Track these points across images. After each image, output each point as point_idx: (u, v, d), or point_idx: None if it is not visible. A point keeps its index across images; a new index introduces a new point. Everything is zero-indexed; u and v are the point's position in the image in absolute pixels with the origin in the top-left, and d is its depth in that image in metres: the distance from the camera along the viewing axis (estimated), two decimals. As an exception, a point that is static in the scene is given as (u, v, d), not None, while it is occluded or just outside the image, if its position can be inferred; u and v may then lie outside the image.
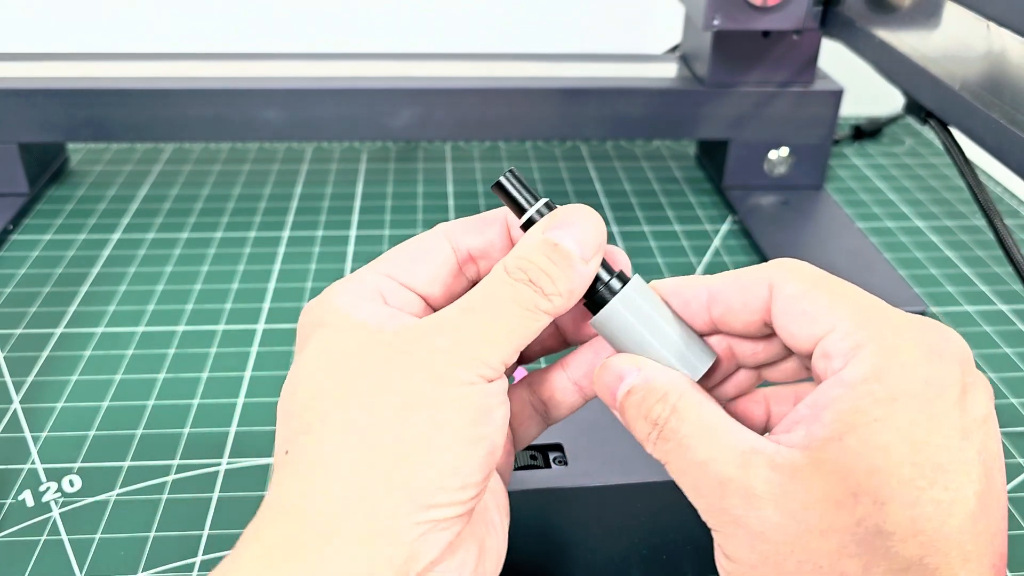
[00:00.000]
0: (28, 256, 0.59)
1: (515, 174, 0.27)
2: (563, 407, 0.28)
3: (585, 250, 0.25)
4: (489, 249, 0.28)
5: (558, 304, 0.25)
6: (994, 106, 0.44)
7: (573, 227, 0.25)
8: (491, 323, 0.24)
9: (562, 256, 0.24)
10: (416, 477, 0.22)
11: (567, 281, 0.24)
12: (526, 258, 0.25)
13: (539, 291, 0.24)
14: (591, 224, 0.25)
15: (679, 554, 0.37)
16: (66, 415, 0.45)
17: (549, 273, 0.24)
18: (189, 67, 0.66)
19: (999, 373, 0.50)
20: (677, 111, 0.65)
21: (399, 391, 0.23)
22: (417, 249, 0.27)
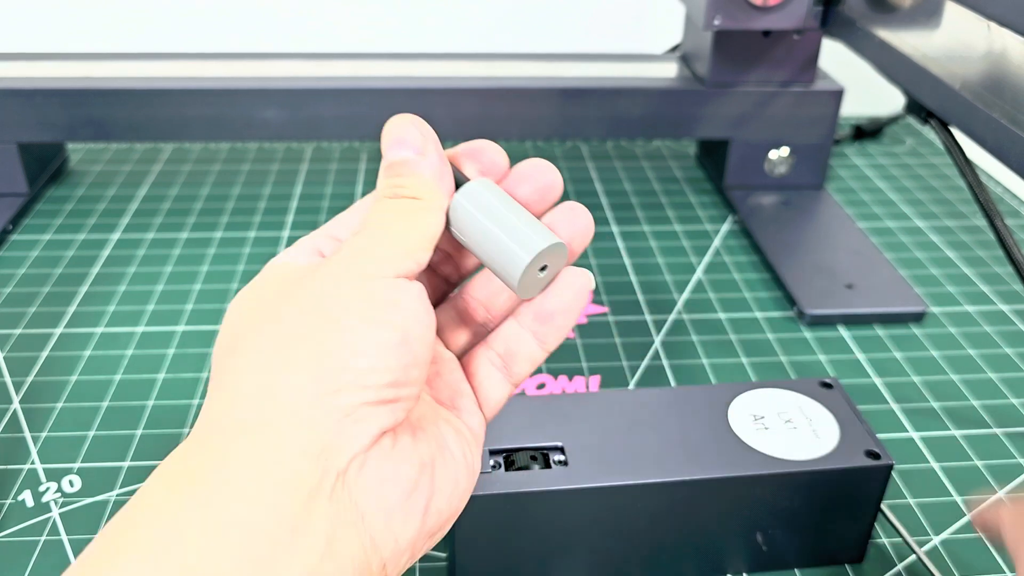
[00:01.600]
0: (27, 256, 0.59)
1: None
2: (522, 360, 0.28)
3: (413, 146, 0.27)
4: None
5: (427, 195, 0.26)
6: (995, 106, 0.44)
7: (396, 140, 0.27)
8: (381, 227, 0.25)
9: (400, 165, 0.27)
10: (321, 362, 0.22)
11: (418, 178, 0.26)
12: (379, 187, 0.27)
13: (403, 197, 0.26)
14: (406, 126, 0.27)
15: (679, 554, 0.37)
16: (66, 415, 0.45)
17: (399, 184, 0.26)
18: (188, 67, 0.66)
19: (999, 373, 0.50)
20: (677, 111, 0.65)
21: (307, 294, 0.24)
22: (355, 210, 0.29)
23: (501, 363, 0.28)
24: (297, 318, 0.24)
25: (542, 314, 0.27)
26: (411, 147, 0.27)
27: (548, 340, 0.28)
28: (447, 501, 0.25)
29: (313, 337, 0.23)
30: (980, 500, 0.27)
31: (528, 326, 0.28)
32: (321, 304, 0.24)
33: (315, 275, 0.25)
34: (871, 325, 0.54)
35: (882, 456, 0.35)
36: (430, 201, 0.26)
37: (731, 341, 0.52)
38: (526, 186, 0.29)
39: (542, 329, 0.28)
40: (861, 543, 0.38)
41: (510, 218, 0.26)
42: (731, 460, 0.35)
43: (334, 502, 0.22)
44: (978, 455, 0.44)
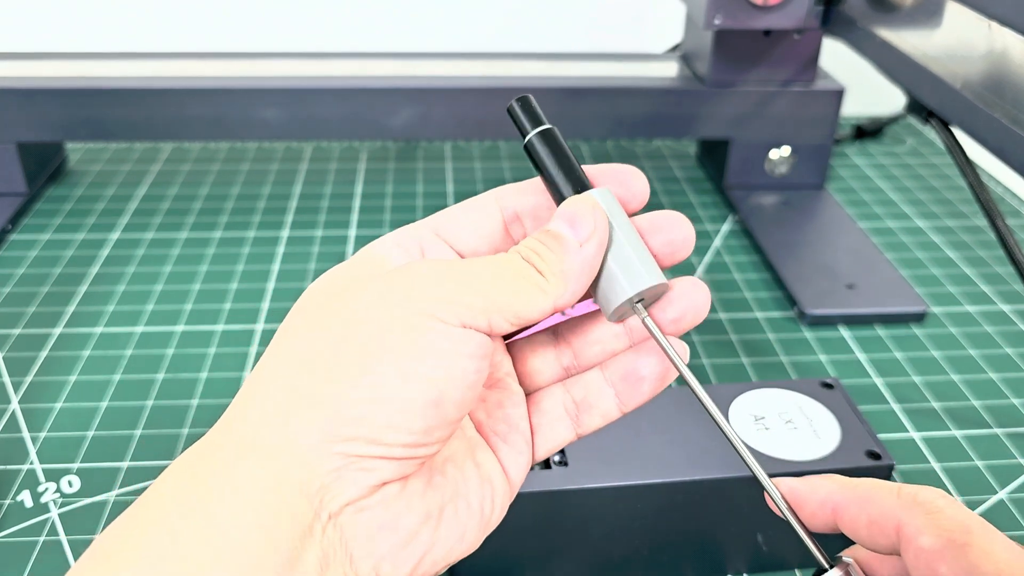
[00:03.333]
0: (26, 256, 0.59)
1: (528, 100, 0.27)
2: (596, 413, 0.27)
3: (580, 233, 0.25)
4: (536, 209, 0.27)
5: (552, 283, 0.24)
6: (996, 106, 0.44)
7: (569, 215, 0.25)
8: (487, 275, 0.24)
9: (553, 237, 0.25)
10: (339, 402, 0.21)
11: (558, 260, 0.24)
12: (522, 243, 0.25)
13: (532, 267, 0.24)
14: (586, 210, 0.25)
15: (679, 554, 0.37)
16: (64, 415, 0.45)
17: (540, 252, 0.24)
18: (188, 66, 0.65)
19: (1000, 373, 0.50)
20: (678, 110, 0.65)
21: (357, 310, 0.23)
22: (466, 207, 0.27)
23: (575, 409, 0.27)
24: (343, 336, 0.22)
25: (632, 377, 0.26)
26: (577, 231, 0.25)
27: (628, 402, 0.27)
28: (446, 553, 0.23)
29: (346, 372, 0.22)
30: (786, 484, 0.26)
31: (613, 383, 0.27)
32: (370, 334, 0.22)
33: (386, 286, 0.23)
34: (872, 325, 0.54)
35: (883, 456, 0.35)
36: (553, 290, 0.24)
37: (732, 341, 0.52)
38: (658, 237, 0.26)
39: (627, 390, 0.27)
40: (862, 544, 0.38)
41: (621, 242, 0.25)
42: (731, 461, 0.35)
43: (325, 541, 0.21)
44: (979, 455, 0.44)
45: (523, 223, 0.27)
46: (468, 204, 0.27)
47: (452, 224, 0.27)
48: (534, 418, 0.27)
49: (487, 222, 0.27)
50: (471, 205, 0.27)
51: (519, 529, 0.35)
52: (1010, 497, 0.42)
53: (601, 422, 0.27)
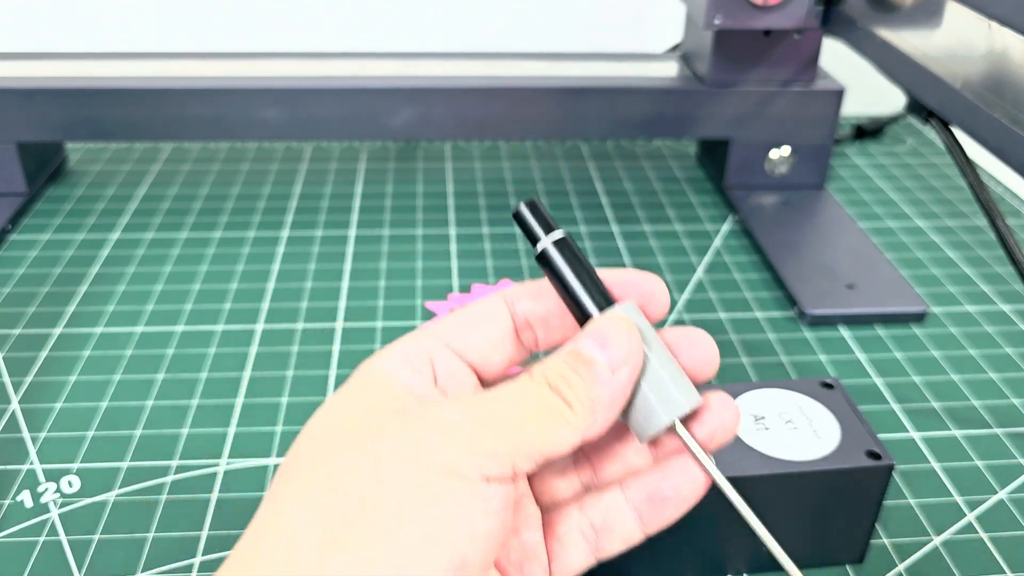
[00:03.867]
0: (26, 256, 0.59)
1: (535, 204, 0.26)
2: (617, 537, 0.25)
3: (613, 359, 0.23)
4: (547, 316, 0.26)
5: (580, 414, 0.22)
6: (996, 106, 0.44)
7: (601, 336, 0.23)
8: (509, 412, 0.22)
9: (582, 363, 0.23)
10: (352, 567, 0.20)
11: (587, 389, 0.23)
12: (547, 364, 0.23)
13: (559, 396, 0.23)
14: (623, 334, 0.23)
15: (679, 554, 0.37)
16: (64, 416, 0.45)
17: (568, 379, 0.23)
18: (188, 66, 0.66)
19: (1000, 373, 0.50)
20: (678, 110, 0.65)
21: (371, 470, 0.21)
22: (474, 314, 0.26)
23: (593, 534, 0.25)
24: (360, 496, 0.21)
25: (657, 497, 0.25)
26: (609, 355, 0.23)
27: (652, 525, 0.25)
28: None
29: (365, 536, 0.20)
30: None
31: (636, 504, 0.25)
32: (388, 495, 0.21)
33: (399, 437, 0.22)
34: (872, 325, 0.54)
35: (883, 456, 0.35)
36: (580, 422, 0.23)
37: (731, 341, 0.52)
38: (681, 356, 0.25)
39: (650, 512, 0.25)
40: (862, 543, 0.38)
41: (652, 362, 0.24)
42: (732, 461, 0.35)
43: None
44: (979, 455, 0.44)
45: (534, 330, 0.26)
46: (477, 311, 0.26)
47: (462, 334, 0.26)
48: (550, 543, 0.25)
49: (498, 331, 0.26)
50: (481, 313, 0.26)
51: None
52: (1010, 497, 0.42)
53: (622, 546, 0.25)
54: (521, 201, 0.26)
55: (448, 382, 0.25)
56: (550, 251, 0.25)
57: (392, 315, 0.54)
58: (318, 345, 0.51)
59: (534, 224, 0.25)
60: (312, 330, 0.52)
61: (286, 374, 0.48)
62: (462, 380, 0.25)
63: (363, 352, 0.50)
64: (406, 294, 0.56)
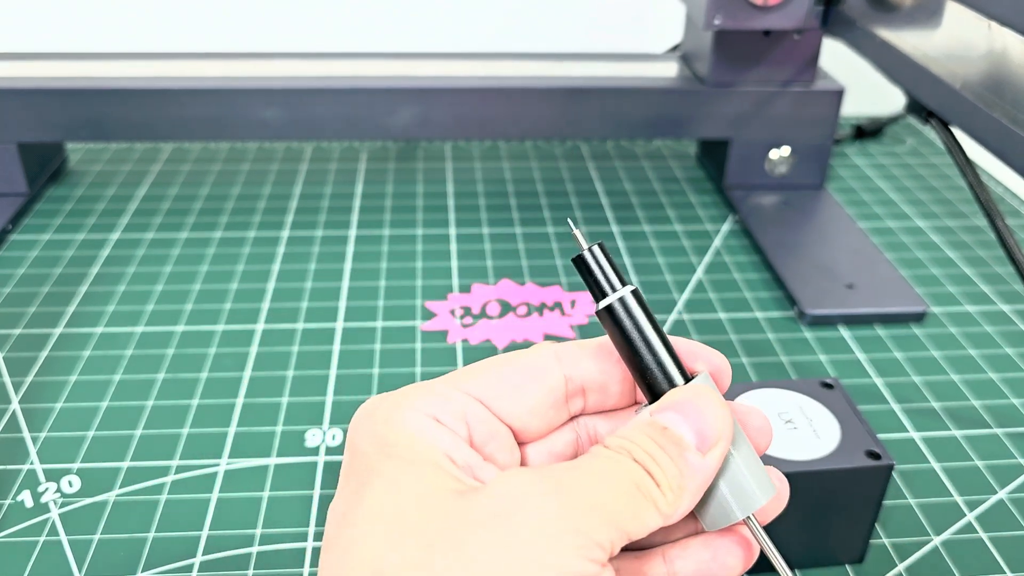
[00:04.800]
0: (27, 256, 0.59)
1: (603, 249, 0.22)
2: None
3: (703, 441, 0.21)
4: (608, 382, 0.23)
5: (669, 499, 0.20)
6: (995, 106, 0.44)
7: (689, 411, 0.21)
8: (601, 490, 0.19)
9: (671, 441, 0.20)
10: None
11: (677, 473, 0.20)
12: (629, 437, 0.21)
13: (646, 474, 0.20)
14: (713, 407, 0.21)
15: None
16: (65, 415, 0.45)
17: (656, 457, 0.20)
18: (188, 67, 0.66)
19: (1000, 373, 0.50)
20: (678, 110, 0.65)
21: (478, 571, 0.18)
22: (519, 370, 0.23)
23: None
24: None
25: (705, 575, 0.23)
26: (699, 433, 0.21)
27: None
28: None
29: None
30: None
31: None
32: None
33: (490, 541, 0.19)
34: (872, 325, 0.54)
35: (883, 456, 0.35)
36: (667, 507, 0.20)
37: (731, 341, 0.52)
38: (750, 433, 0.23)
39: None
40: (862, 543, 0.38)
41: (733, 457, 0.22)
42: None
43: None
44: (979, 455, 0.44)
45: (586, 396, 0.23)
46: (523, 367, 0.23)
47: (504, 394, 0.22)
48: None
49: (546, 396, 0.23)
50: (527, 369, 0.23)
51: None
52: (1010, 497, 0.42)
53: None
54: (588, 246, 0.22)
55: (486, 445, 0.22)
56: (617, 308, 0.22)
57: (392, 315, 0.54)
58: (318, 345, 0.51)
59: (600, 275, 0.22)
60: (312, 330, 0.52)
61: (286, 374, 0.48)
62: (503, 443, 0.22)
63: (363, 352, 0.50)
64: (406, 294, 0.56)
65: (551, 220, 0.65)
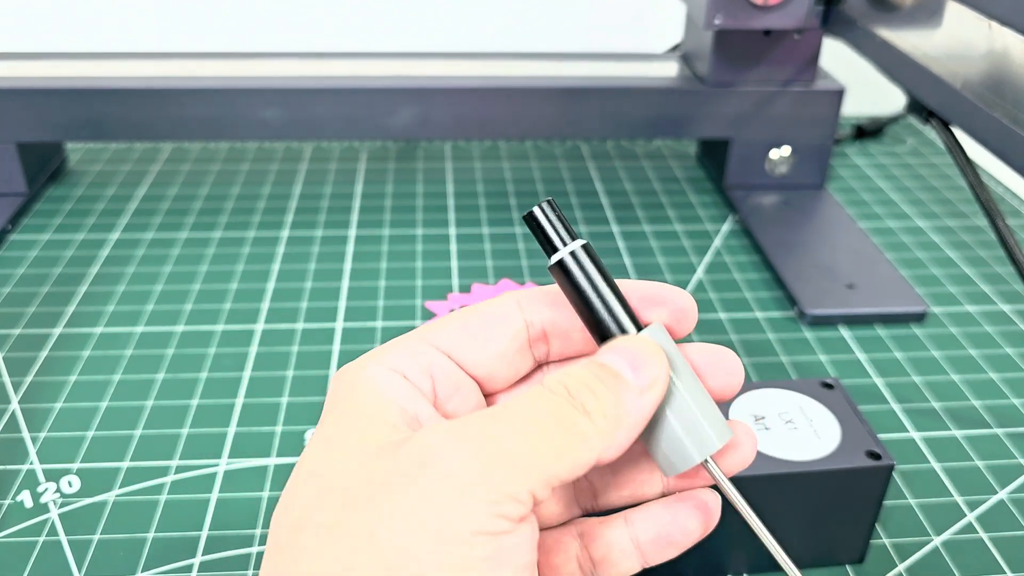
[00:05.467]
0: (26, 256, 0.59)
1: (552, 205, 0.23)
2: (615, 571, 0.24)
3: (642, 378, 0.21)
4: (569, 328, 0.23)
5: (601, 428, 0.20)
6: (996, 106, 0.44)
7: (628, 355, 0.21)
8: (524, 437, 0.20)
9: (609, 374, 0.21)
10: None
11: (613, 403, 0.20)
12: (567, 372, 0.21)
13: (580, 407, 0.20)
14: (651, 352, 0.21)
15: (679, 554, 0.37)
16: (64, 415, 0.45)
17: (593, 388, 0.21)
18: (188, 66, 0.65)
19: (1001, 373, 0.50)
20: (678, 110, 0.65)
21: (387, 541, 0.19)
22: (482, 319, 0.23)
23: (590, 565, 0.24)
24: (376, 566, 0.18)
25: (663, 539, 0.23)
26: (639, 376, 0.21)
27: (653, 561, 0.24)
28: None
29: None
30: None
31: (641, 542, 0.24)
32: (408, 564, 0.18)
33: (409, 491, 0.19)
34: (872, 325, 0.54)
35: (883, 456, 0.35)
36: (599, 439, 0.20)
37: (731, 341, 0.52)
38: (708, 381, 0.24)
39: (654, 550, 0.24)
40: (862, 543, 0.38)
41: (682, 392, 0.22)
42: (732, 461, 0.35)
43: None
44: (979, 455, 0.44)
45: (549, 342, 0.24)
46: (487, 317, 0.23)
47: (468, 343, 0.23)
48: (544, 571, 0.23)
49: (509, 342, 0.23)
50: (489, 318, 0.23)
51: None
52: (1010, 497, 0.41)
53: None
54: (538, 203, 0.23)
55: (450, 398, 0.23)
56: (568, 262, 0.22)
57: (392, 315, 0.54)
58: (318, 345, 0.51)
59: (552, 229, 0.23)
60: (312, 330, 0.52)
61: (286, 374, 0.48)
62: (466, 396, 0.23)
63: (363, 352, 0.50)
64: (406, 294, 0.56)
65: (551, 220, 0.64)
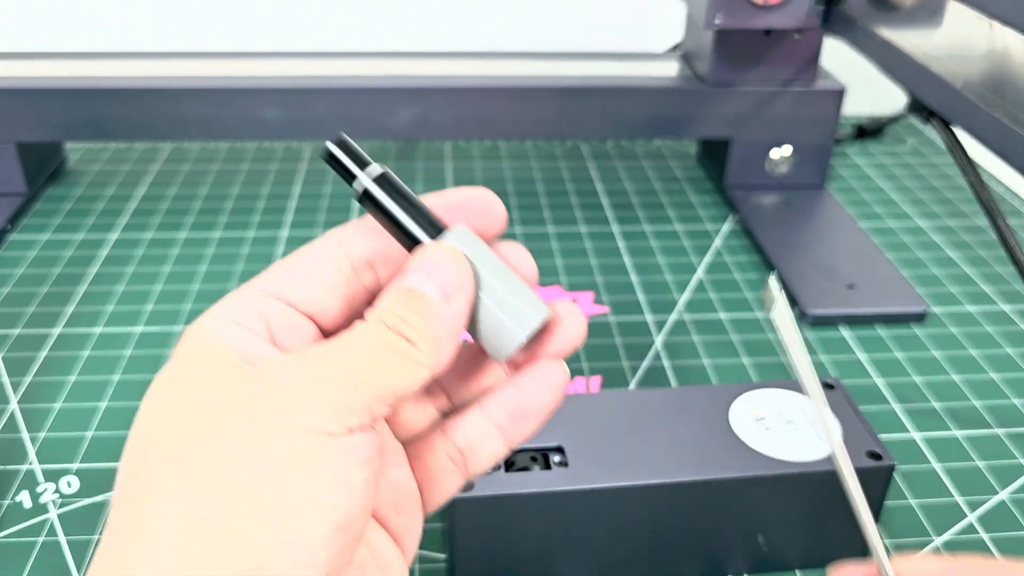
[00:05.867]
0: (26, 256, 0.59)
1: (345, 142, 0.24)
2: (483, 455, 0.25)
3: (444, 288, 0.22)
4: (387, 253, 0.25)
5: (425, 350, 0.22)
6: (997, 105, 0.44)
7: (429, 268, 0.23)
8: (355, 360, 0.21)
9: (417, 299, 0.22)
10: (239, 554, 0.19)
11: (427, 325, 0.22)
12: (381, 307, 0.22)
13: (400, 336, 0.22)
14: (447, 260, 0.23)
15: (680, 555, 0.37)
16: (64, 416, 0.45)
17: (406, 318, 0.22)
18: (187, 66, 0.65)
19: (1001, 373, 0.50)
20: (678, 110, 0.65)
21: (235, 443, 0.20)
22: (305, 259, 0.24)
23: (460, 457, 0.25)
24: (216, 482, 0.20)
25: (518, 413, 0.25)
26: (440, 287, 0.23)
27: (515, 438, 0.25)
28: None
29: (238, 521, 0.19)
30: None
31: (498, 422, 0.25)
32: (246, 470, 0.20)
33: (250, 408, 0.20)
34: (872, 325, 0.54)
35: (884, 457, 0.35)
36: (425, 357, 0.22)
37: (732, 341, 0.52)
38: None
39: (513, 427, 0.25)
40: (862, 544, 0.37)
41: (496, 285, 0.24)
42: (732, 461, 0.35)
43: None
44: (980, 456, 0.44)
45: (375, 269, 0.25)
46: (307, 256, 0.24)
47: (294, 283, 0.24)
48: (419, 474, 0.25)
49: (334, 275, 0.24)
50: (311, 256, 0.24)
51: (519, 530, 0.35)
52: (1011, 497, 0.41)
53: (489, 463, 0.25)
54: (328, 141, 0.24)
55: (287, 338, 0.23)
56: (372, 189, 0.24)
57: (392, 315, 0.53)
58: (318, 345, 0.51)
59: (348, 163, 0.24)
60: (312, 330, 0.52)
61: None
62: (303, 334, 0.24)
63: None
64: (406, 294, 0.55)
65: (551, 220, 0.64)
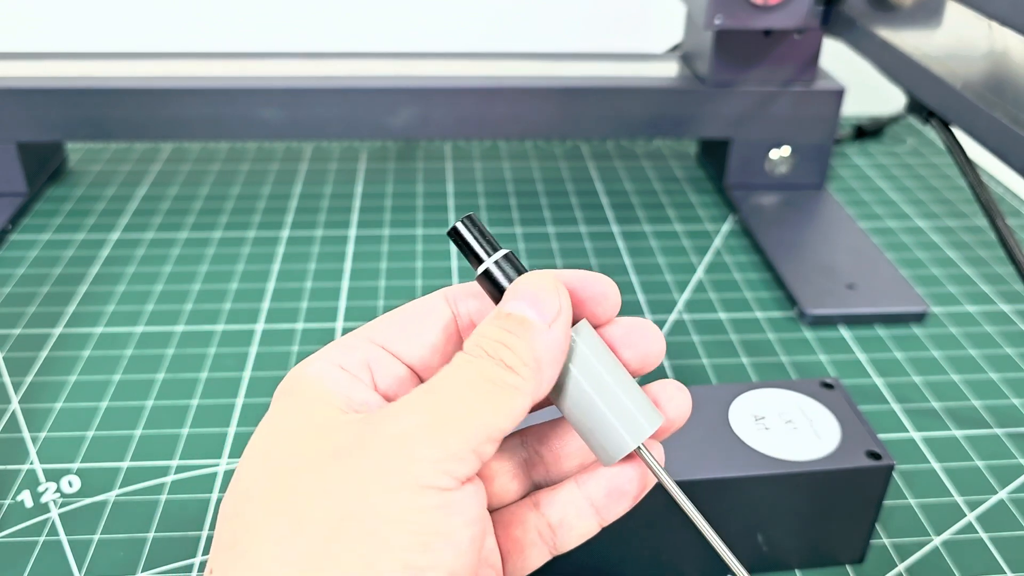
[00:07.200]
0: (26, 256, 0.59)
1: (473, 220, 0.24)
2: (575, 534, 0.24)
3: (545, 314, 0.22)
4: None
5: (526, 376, 0.21)
6: (996, 106, 0.44)
7: (527, 295, 0.22)
8: (457, 402, 0.21)
9: (516, 323, 0.22)
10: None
11: (528, 348, 0.22)
12: (480, 333, 0.22)
13: (500, 363, 0.21)
14: (547, 287, 0.22)
15: (679, 555, 0.37)
16: (64, 415, 0.45)
17: (506, 342, 0.22)
18: (188, 66, 0.65)
19: (1001, 373, 0.50)
20: (678, 110, 0.65)
21: (338, 497, 0.20)
22: (413, 314, 0.24)
23: (550, 532, 0.24)
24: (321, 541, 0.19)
25: (615, 492, 0.24)
26: (540, 312, 0.22)
27: (608, 517, 0.25)
28: None
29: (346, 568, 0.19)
30: None
31: (593, 499, 0.24)
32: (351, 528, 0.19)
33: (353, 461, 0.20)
34: (872, 325, 0.54)
35: (883, 456, 0.35)
36: (528, 384, 0.21)
37: (732, 341, 0.52)
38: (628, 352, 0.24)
39: (607, 506, 0.24)
40: (862, 544, 0.38)
41: (612, 387, 0.23)
42: (732, 461, 0.35)
43: None
44: (979, 455, 0.44)
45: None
46: (417, 311, 0.25)
47: (401, 335, 0.24)
48: (504, 545, 0.24)
49: (440, 333, 0.24)
50: (420, 312, 0.24)
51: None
52: (1011, 497, 0.42)
53: (579, 541, 0.25)
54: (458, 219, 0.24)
55: (391, 388, 0.24)
56: (494, 271, 0.24)
57: (392, 315, 0.53)
58: (318, 345, 0.51)
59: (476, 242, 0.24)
60: (312, 330, 0.52)
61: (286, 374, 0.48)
62: (405, 384, 0.24)
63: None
64: (406, 294, 0.56)
65: (551, 220, 0.65)
